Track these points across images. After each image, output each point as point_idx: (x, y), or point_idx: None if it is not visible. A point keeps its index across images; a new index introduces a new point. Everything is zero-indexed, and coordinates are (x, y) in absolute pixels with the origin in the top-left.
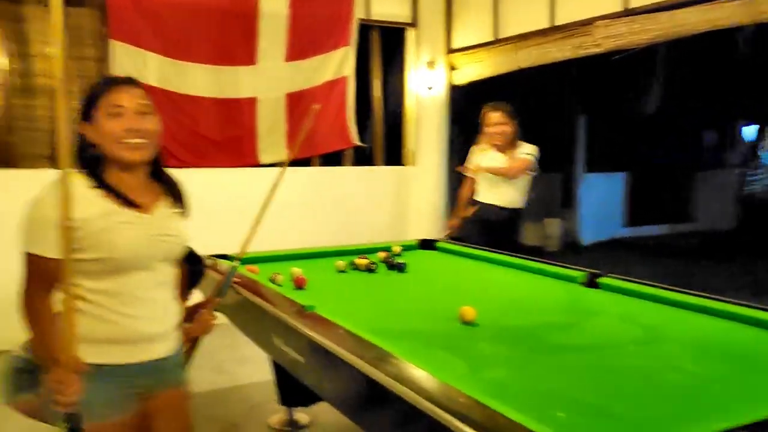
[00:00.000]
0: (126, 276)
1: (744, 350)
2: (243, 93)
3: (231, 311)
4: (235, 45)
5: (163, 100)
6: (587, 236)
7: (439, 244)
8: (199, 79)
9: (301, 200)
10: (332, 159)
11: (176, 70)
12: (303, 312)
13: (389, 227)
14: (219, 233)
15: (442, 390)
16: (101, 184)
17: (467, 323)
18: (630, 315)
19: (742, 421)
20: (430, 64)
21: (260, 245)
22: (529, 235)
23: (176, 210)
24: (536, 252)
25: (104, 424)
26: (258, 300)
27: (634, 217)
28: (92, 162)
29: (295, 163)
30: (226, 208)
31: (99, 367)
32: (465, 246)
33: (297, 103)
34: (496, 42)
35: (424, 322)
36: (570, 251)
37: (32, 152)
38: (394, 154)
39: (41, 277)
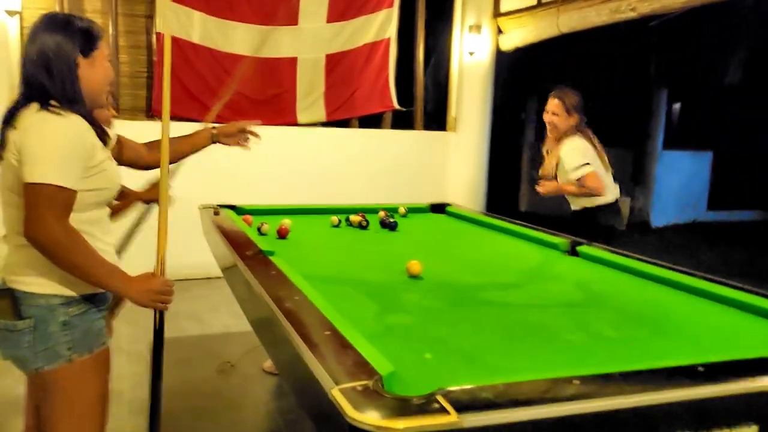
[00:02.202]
0: (102, 208)
1: (674, 319)
2: (284, 53)
3: (216, 256)
4: (278, 5)
5: (206, 57)
6: (663, 218)
7: (449, 209)
8: (241, 38)
9: (337, 161)
10: (371, 121)
11: (219, 29)
12: (257, 255)
13: (425, 192)
14: (244, 187)
15: (311, 322)
16: (89, 118)
17: (413, 277)
18: (586, 281)
19: (592, 372)
20: (475, 28)
21: (288, 200)
22: None
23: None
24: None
25: (105, 350)
26: (225, 242)
27: (720, 201)
28: (78, 96)
29: (334, 124)
30: (255, 164)
31: (93, 297)
32: (472, 212)
33: (336, 64)
34: (539, 6)
35: (373, 273)
36: (637, 232)
37: (131, 105)
38: (441, 120)
39: (66, 209)
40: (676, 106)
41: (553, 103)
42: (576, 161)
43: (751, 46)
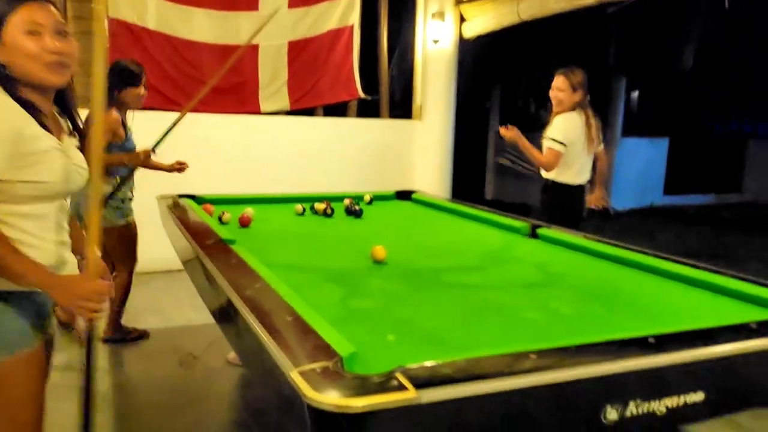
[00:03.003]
0: (48, 203)
1: (627, 295)
2: (244, 39)
3: (176, 247)
4: None
5: (163, 44)
6: (621, 203)
7: (415, 196)
8: (200, 24)
9: (302, 149)
10: (336, 110)
11: (177, 15)
12: (218, 244)
13: (390, 180)
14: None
15: (272, 309)
16: (28, 105)
17: (377, 262)
18: (544, 263)
19: (549, 346)
20: (438, 15)
21: (253, 190)
22: None
23: (76, 141)
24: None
25: (17, 358)
26: (184, 232)
27: (676, 185)
28: (5, 81)
29: (299, 112)
30: (216, 152)
31: (10, 294)
32: (437, 198)
33: (300, 51)
34: None
35: (338, 260)
36: (597, 217)
37: (83, 93)
38: (406, 108)
39: None
40: (635, 94)
41: (559, 80)
42: (554, 133)
43: (706, 34)
